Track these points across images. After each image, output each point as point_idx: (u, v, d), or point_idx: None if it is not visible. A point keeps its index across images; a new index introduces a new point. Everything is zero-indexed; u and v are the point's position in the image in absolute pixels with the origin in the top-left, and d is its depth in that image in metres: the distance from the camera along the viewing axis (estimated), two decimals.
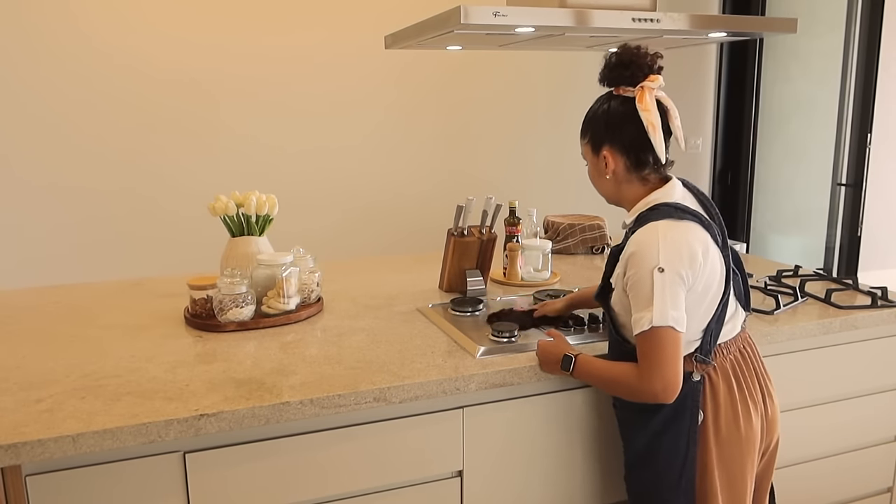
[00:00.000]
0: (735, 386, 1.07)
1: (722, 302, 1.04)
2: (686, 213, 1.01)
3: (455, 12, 1.20)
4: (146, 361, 1.17)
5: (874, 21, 2.19)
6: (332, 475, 1.09)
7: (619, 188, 1.08)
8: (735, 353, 1.08)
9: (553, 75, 2.88)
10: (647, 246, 0.99)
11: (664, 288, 0.96)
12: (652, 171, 1.05)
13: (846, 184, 2.33)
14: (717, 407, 1.05)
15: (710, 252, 1.01)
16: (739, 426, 1.06)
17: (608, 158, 1.06)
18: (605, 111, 1.06)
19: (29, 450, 0.90)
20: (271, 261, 1.37)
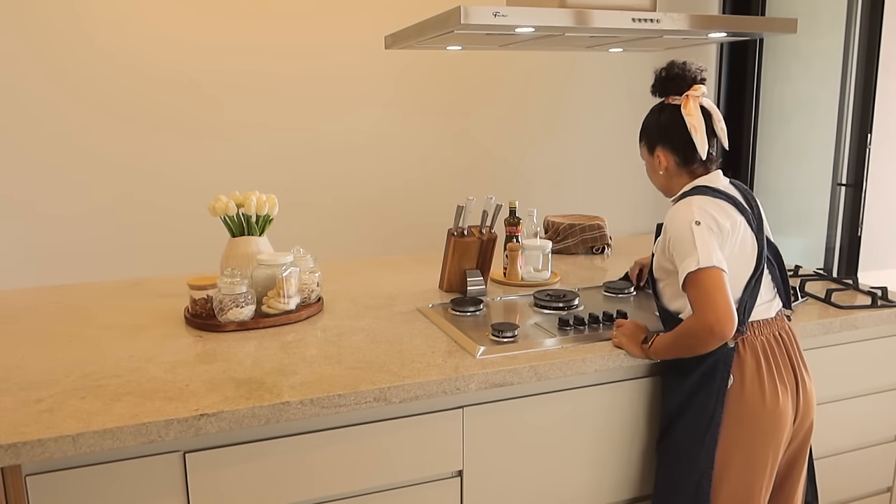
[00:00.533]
0: (764, 363, 1.15)
1: (754, 278, 1.16)
2: (721, 195, 1.17)
3: (455, 12, 1.20)
4: (146, 361, 1.17)
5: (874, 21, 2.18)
6: (332, 475, 1.09)
7: (671, 181, 1.24)
8: (768, 335, 1.17)
9: (553, 75, 2.88)
10: (683, 209, 1.15)
11: (703, 236, 1.11)
12: (699, 165, 1.21)
13: (846, 184, 2.33)
14: (745, 378, 1.14)
15: (739, 229, 1.15)
16: (765, 401, 1.14)
17: (661, 157, 1.23)
18: (657, 118, 1.24)
19: (29, 450, 0.90)
20: (271, 261, 1.37)
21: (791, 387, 1.17)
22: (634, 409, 1.26)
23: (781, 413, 1.15)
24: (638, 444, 1.28)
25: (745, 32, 1.47)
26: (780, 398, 1.14)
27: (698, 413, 1.16)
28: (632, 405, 1.26)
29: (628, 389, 1.25)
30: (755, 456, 1.15)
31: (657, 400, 1.27)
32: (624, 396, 1.25)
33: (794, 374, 1.18)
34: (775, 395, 1.14)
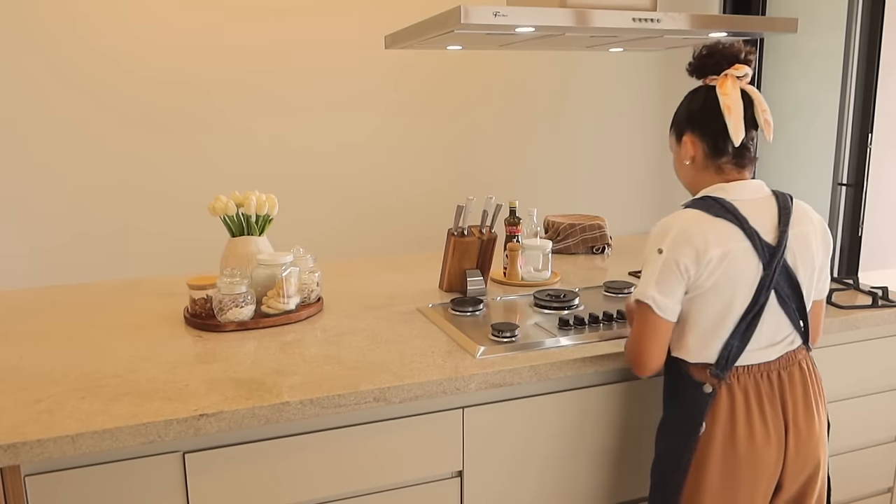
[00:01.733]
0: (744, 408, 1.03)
1: (747, 317, 1.01)
2: (726, 213, 1.01)
3: (455, 12, 1.20)
4: (145, 361, 1.17)
5: (875, 21, 2.18)
6: (331, 475, 1.08)
7: (696, 175, 1.09)
8: (762, 378, 1.04)
9: (553, 75, 2.87)
10: (663, 228, 1.03)
11: (656, 269, 1.01)
12: (730, 161, 1.06)
13: (847, 184, 2.33)
14: (724, 423, 1.03)
15: (735, 257, 0.99)
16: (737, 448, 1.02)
17: (688, 144, 1.08)
18: (689, 101, 1.10)
19: (28, 450, 0.90)
20: (271, 261, 1.37)
21: (778, 435, 1.03)
22: (635, 410, 1.26)
23: (760, 462, 1.02)
24: (639, 446, 1.28)
25: (746, 32, 1.47)
26: (759, 447, 1.02)
27: (669, 451, 1.09)
28: (633, 406, 1.25)
29: (629, 390, 1.24)
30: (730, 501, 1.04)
31: (659, 400, 1.27)
32: (625, 397, 1.24)
33: (784, 421, 1.04)
34: (751, 444, 1.02)
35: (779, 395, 1.05)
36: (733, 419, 1.03)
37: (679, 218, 1.02)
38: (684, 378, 1.06)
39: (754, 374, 1.04)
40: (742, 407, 1.03)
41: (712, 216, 1.01)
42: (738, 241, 1.00)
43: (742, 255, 1.00)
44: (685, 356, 1.06)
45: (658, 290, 1.00)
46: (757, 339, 1.03)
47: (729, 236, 1.00)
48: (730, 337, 1.02)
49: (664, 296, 1.00)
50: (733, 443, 1.02)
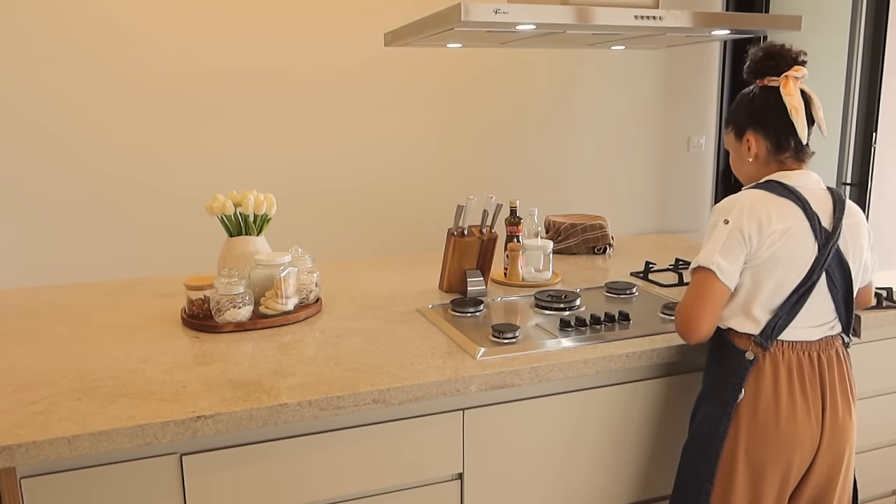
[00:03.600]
0: (786, 382, 1.07)
1: (797, 293, 1.07)
2: (790, 194, 1.07)
3: (455, 10, 1.19)
4: (142, 362, 1.16)
5: (879, 19, 2.17)
6: (330, 478, 1.07)
7: (758, 171, 1.14)
8: (801, 354, 1.08)
9: (554, 73, 2.86)
10: (729, 202, 1.09)
11: (721, 237, 1.06)
12: (791, 156, 1.12)
13: (851, 183, 2.32)
14: (760, 393, 1.07)
15: (795, 234, 1.05)
16: (779, 421, 1.06)
17: (751, 142, 1.13)
18: (749, 100, 1.15)
19: (24, 452, 0.89)
20: (269, 261, 1.36)
21: (816, 413, 1.07)
22: (637, 412, 1.25)
23: (798, 436, 1.06)
24: (641, 448, 1.27)
25: (749, 30, 1.46)
26: (799, 421, 1.06)
27: (706, 420, 1.12)
28: (634, 407, 1.24)
29: (631, 391, 1.23)
30: (762, 477, 1.08)
31: (661, 402, 1.26)
32: (626, 398, 1.23)
33: (821, 400, 1.08)
34: (792, 417, 1.06)
35: (818, 374, 1.09)
36: (777, 391, 1.07)
37: (745, 195, 1.09)
38: (728, 346, 1.11)
39: (797, 350, 1.08)
40: (785, 380, 1.07)
41: (776, 195, 1.07)
42: (799, 220, 1.06)
43: (801, 233, 1.06)
44: (733, 324, 1.10)
45: (722, 257, 1.05)
46: (804, 316, 1.08)
47: (791, 214, 1.06)
48: (779, 309, 1.07)
49: (728, 262, 1.05)
50: (776, 414, 1.06)
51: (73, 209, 2.40)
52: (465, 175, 2.82)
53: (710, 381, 1.15)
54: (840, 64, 2.35)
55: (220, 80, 2.48)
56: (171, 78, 2.43)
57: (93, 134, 2.39)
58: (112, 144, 2.41)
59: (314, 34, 2.54)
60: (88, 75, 2.34)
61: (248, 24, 2.47)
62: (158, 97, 2.43)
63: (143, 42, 2.38)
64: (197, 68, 2.45)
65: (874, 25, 2.19)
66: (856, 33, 2.29)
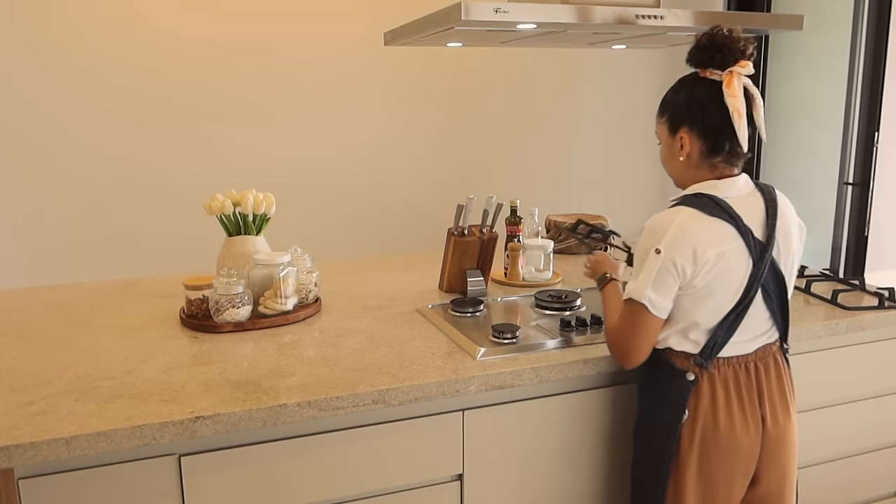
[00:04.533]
0: (723, 396, 1.05)
1: (735, 312, 1.03)
2: (722, 212, 1.01)
3: (455, 8, 1.19)
4: (141, 363, 1.16)
5: (882, 18, 2.16)
6: (329, 478, 1.07)
7: (688, 172, 1.08)
8: (740, 368, 1.06)
9: (555, 72, 2.86)
10: (660, 226, 1.02)
11: (653, 269, 1.01)
12: (724, 160, 1.05)
13: (853, 183, 2.31)
14: (705, 411, 1.05)
15: (729, 258, 1.00)
16: (719, 433, 1.04)
17: (685, 140, 1.05)
18: (689, 93, 1.05)
19: (21, 453, 0.89)
20: (268, 260, 1.35)
21: (755, 422, 1.06)
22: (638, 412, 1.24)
23: (739, 448, 1.05)
24: None
25: (751, 29, 1.45)
26: (738, 433, 1.04)
27: (652, 442, 1.10)
28: (635, 408, 1.24)
29: (632, 393, 1.23)
30: (712, 494, 1.06)
31: None
32: (627, 399, 1.23)
33: (760, 409, 1.06)
34: (731, 431, 1.04)
35: (755, 385, 1.07)
36: (714, 407, 1.05)
37: (676, 216, 1.02)
38: (666, 366, 1.08)
39: (733, 364, 1.06)
40: (722, 395, 1.05)
41: (708, 215, 1.01)
42: (733, 241, 1.01)
43: (735, 255, 1.01)
44: (671, 344, 1.07)
45: (654, 291, 1.01)
46: (741, 331, 1.05)
47: (724, 236, 1.01)
48: (716, 328, 1.04)
49: (660, 296, 1.01)
50: (715, 429, 1.04)
51: (72, 209, 2.39)
52: (465, 174, 2.81)
53: (650, 402, 1.12)
54: (842, 63, 2.34)
55: (219, 80, 2.47)
56: (170, 78, 2.42)
57: (92, 134, 2.38)
58: (111, 144, 2.41)
59: (313, 34, 2.54)
60: (86, 76, 2.34)
61: (247, 24, 2.46)
62: (156, 98, 2.42)
63: (141, 43, 2.37)
64: (195, 68, 2.44)
65: (876, 24, 2.19)
66: (858, 32, 2.28)
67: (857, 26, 2.28)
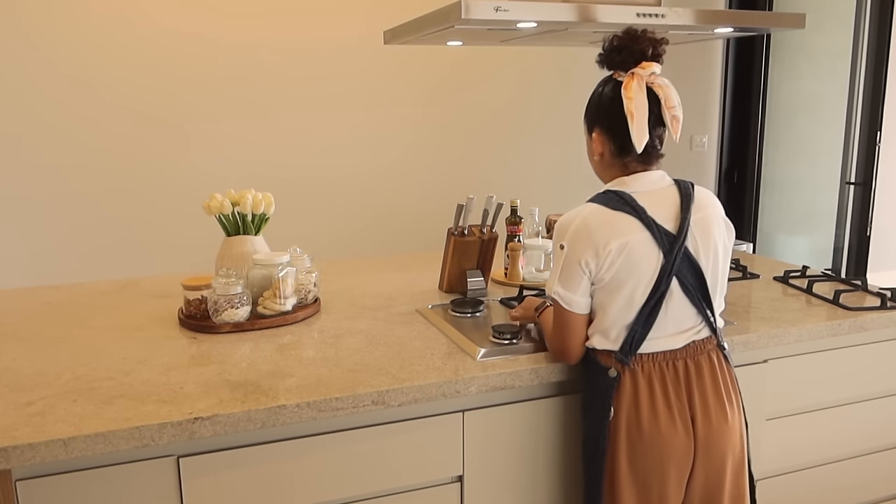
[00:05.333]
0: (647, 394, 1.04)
1: (649, 304, 1.02)
2: (626, 206, 1.03)
3: (456, 7, 1.18)
4: (139, 363, 1.15)
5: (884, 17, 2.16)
6: (329, 480, 1.07)
7: (604, 171, 1.11)
8: (666, 365, 1.05)
9: (556, 71, 2.85)
10: (565, 223, 1.05)
11: (559, 265, 1.05)
12: (636, 159, 1.06)
13: (855, 182, 2.30)
14: (629, 407, 1.05)
15: (633, 247, 1.01)
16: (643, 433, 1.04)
17: (596, 141, 1.08)
18: (598, 95, 1.08)
19: (19, 454, 0.89)
20: (267, 261, 1.35)
21: (684, 421, 1.04)
22: None
23: (666, 447, 1.03)
24: None
25: (753, 28, 1.45)
26: (664, 432, 1.03)
27: (588, 439, 1.11)
28: None
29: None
30: (646, 491, 1.05)
31: None
32: None
33: (689, 408, 1.04)
34: (656, 429, 1.03)
35: (684, 383, 1.05)
36: (637, 404, 1.04)
37: (579, 213, 1.05)
38: (593, 363, 1.09)
39: (659, 361, 1.05)
40: (646, 392, 1.04)
41: (611, 209, 1.03)
42: (636, 232, 1.01)
43: (640, 245, 1.01)
44: (593, 342, 1.08)
45: (562, 286, 1.05)
46: (661, 325, 1.04)
47: (627, 228, 1.02)
48: (633, 323, 1.04)
49: (569, 291, 1.04)
50: (638, 427, 1.04)
51: (70, 209, 2.39)
52: (465, 174, 2.81)
53: (584, 399, 1.14)
54: (844, 61, 2.34)
55: (220, 78, 2.47)
56: (170, 77, 2.42)
57: (91, 133, 2.38)
58: (109, 144, 2.40)
59: (315, 31, 2.53)
60: (85, 76, 2.34)
61: (248, 22, 2.46)
62: (156, 97, 2.42)
63: (142, 41, 2.37)
64: (196, 66, 2.44)
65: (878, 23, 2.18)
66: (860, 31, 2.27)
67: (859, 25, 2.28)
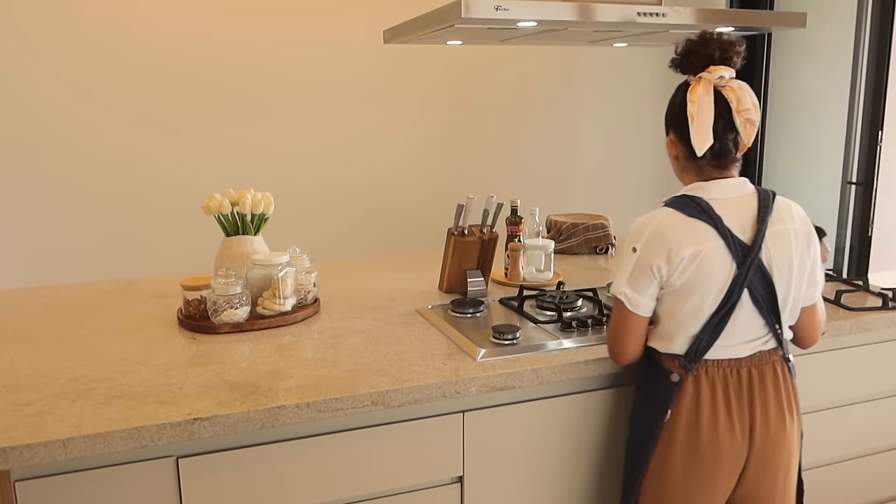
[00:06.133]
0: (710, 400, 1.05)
1: (718, 314, 1.03)
2: (702, 213, 1.03)
3: (455, 6, 1.18)
4: (138, 364, 1.15)
5: (885, 15, 2.15)
6: (328, 481, 1.06)
7: (682, 173, 1.12)
8: (731, 372, 1.05)
9: (556, 71, 2.84)
10: (640, 225, 1.06)
11: (629, 266, 1.05)
12: (709, 163, 1.06)
13: (856, 182, 2.30)
14: (688, 411, 1.05)
15: (707, 257, 1.01)
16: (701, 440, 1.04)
17: (671, 144, 1.11)
18: (672, 99, 1.10)
19: (18, 455, 0.88)
20: (267, 261, 1.35)
21: (742, 429, 1.04)
22: None
23: (721, 454, 1.04)
24: None
25: (754, 27, 1.44)
26: (721, 438, 1.04)
27: (635, 437, 1.12)
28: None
29: (632, 394, 1.22)
30: (690, 494, 1.06)
31: None
32: (628, 401, 1.22)
33: (750, 416, 1.05)
34: (714, 434, 1.03)
35: (747, 391, 1.06)
36: (697, 408, 1.05)
37: (655, 217, 1.05)
38: (656, 366, 1.09)
39: (724, 368, 1.06)
40: (708, 398, 1.05)
41: (686, 216, 1.03)
42: (711, 241, 1.01)
43: (714, 255, 1.01)
44: (658, 346, 1.08)
45: (630, 287, 1.04)
46: (728, 335, 1.04)
47: (702, 236, 1.01)
48: (700, 331, 1.04)
49: (636, 293, 1.04)
50: (697, 432, 1.05)
51: (69, 208, 2.39)
52: (465, 174, 2.81)
53: (639, 400, 1.14)
54: (845, 60, 2.33)
55: (217, 78, 2.46)
56: (168, 77, 2.42)
57: (89, 133, 2.38)
58: (108, 143, 2.40)
59: (312, 32, 2.53)
60: (84, 75, 2.33)
61: (245, 21, 2.45)
62: (154, 97, 2.42)
63: (139, 42, 2.37)
64: (193, 66, 2.43)
65: (880, 22, 2.17)
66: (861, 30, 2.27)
67: (860, 24, 2.27)
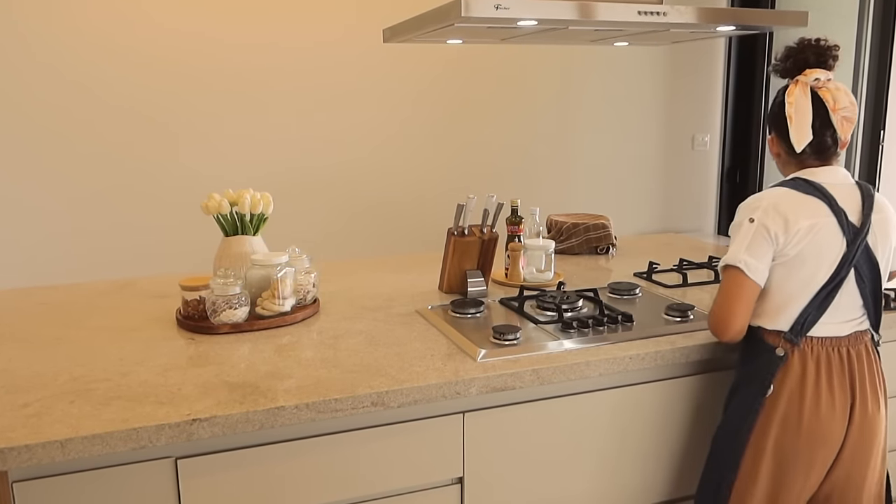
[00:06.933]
0: (813, 378, 1.08)
1: (827, 288, 1.08)
2: (815, 191, 1.09)
3: (455, 5, 1.17)
4: (137, 364, 1.15)
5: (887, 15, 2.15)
6: (328, 482, 1.06)
7: (784, 168, 1.19)
8: (833, 351, 1.10)
9: (556, 70, 2.84)
10: (754, 201, 1.11)
11: (748, 235, 1.08)
12: (810, 157, 1.13)
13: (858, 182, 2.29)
14: (792, 387, 1.09)
15: (821, 230, 1.07)
16: (803, 416, 1.07)
17: (773, 142, 1.19)
18: (774, 101, 1.18)
19: (16, 455, 0.88)
20: (266, 261, 1.34)
21: (843, 407, 1.08)
22: (641, 415, 1.23)
23: (823, 431, 1.08)
24: (645, 451, 1.25)
25: (755, 26, 1.44)
26: (824, 416, 1.07)
27: (734, 413, 1.14)
28: (638, 410, 1.23)
29: (634, 394, 1.22)
30: (787, 471, 1.09)
31: (664, 406, 1.24)
32: (630, 401, 1.22)
33: (851, 395, 1.09)
34: (816, 412, 1.07)
35: (847, 370, 1.10)
36: (803, 385, 1.08)
37: (770, 193, 1.10)
38: (759, 342, 1.13)
39: (826, 346, 1.10)
40: (812, 375, 1.08)
41: (801, 192, 1.09)
42: (826, 216, 1.07)
43: (828, 229, 1.07)
44: (763, 323, 1.12)
45: (749, 254, 1.08)
46: (833, 312, 1.09)
47: (817, 210, 1.08)
48: (808, 305, 1.08)
49: (755, 258, 1.08)
50: (800, 408, 1.08)
51: (67, 208, 2.39)
52: (465, 174, 2.80)
53: (741, 375, 1.16)
54: (847, 60, 2.33)
55: (217, 77, 2.46)
56: (167, 76, 2.41)
57: (88, 133, 2.37)
58: (107, 143, 2.40)
59: (312, 32, 2.53)
60: (81, 76, 2.33)
61: (243, 20, 2.45)
62: (153, 96, 2.41)
63: (139, 41, 2.36)
64: (192, 65, 2.43)
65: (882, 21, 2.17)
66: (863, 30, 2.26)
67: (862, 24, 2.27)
